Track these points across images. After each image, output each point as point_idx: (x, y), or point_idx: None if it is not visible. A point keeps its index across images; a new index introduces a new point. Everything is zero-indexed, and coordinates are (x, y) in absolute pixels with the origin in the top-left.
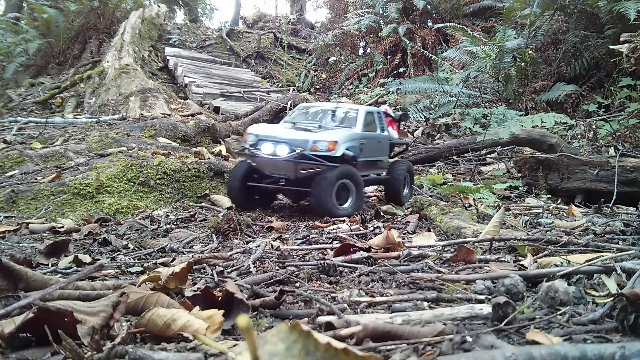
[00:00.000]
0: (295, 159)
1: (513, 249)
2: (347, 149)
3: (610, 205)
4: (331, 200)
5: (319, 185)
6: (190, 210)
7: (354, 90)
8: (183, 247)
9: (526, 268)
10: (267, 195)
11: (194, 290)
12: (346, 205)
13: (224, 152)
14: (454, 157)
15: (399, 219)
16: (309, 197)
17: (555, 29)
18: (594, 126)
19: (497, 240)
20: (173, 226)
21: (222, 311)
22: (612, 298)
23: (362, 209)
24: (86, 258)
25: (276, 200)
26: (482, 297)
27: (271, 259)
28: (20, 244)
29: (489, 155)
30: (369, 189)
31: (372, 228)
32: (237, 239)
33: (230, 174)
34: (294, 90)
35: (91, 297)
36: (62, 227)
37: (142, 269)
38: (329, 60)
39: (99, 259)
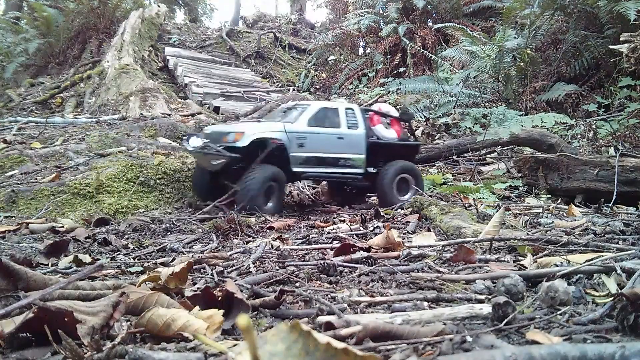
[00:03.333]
0: (200, 149)
1: (513, 248)
2: (274, 140)
3: (610, 205)
4: (259, 197)
5: (246, 183)
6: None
7: (354, 90)
8: (183, 247)
9: (526, 268)
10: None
11: (194, 290)
12: (270, 204)
13: None
14: (454, 157)
15: (399, 218)
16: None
17: (555, 29)
18: (593, 126)
19: (497, 240)
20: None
21: (222, 311)
22: (612, 298)
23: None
24: (86, 258)
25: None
26: (482, 297)
27: (271, 259)
28: (20, 244)
29: (489, 155)
30: None
31: (372, 228)
32: (237, 238)
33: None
34: (294, 90)
35: (91, 297)
36: (62, 227)
37: (142, 268)
38: (329, 60)
39: (99, 259)
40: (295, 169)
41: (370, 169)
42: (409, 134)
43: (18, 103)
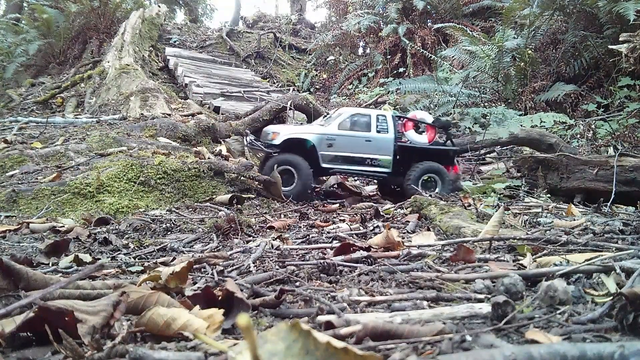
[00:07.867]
0: (248, 145)
1: (512, 248)
2: (309, 141)
3: (609, 204)
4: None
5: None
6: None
7: (354, 90)
8: (183, 247)
9: (525, 267)
10: None
11: (194, 290)
12: (289, 187)
13: (224, 152)
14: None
15: (399, 218)
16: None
17: (555, 29)
18: (593, 126)
19: (497, 240)
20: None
21: (222, 310)
22: (611, 297)
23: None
24: (87, 257)
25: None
26: (482, 296)
27: (271, 259)
28: (21, 244)
29: (488, 155)
30: (369, 188)
31: (371, 227)
32: (237, 238)
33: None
34: (293, 90)
35: (92, 297)
36: (63, 226)
37: (142, 268)
38: (329, 60)
39: (100, 259)
40: (324, 165)
41: (399, 169)
42: (446, 140)
43: (19, 103)
